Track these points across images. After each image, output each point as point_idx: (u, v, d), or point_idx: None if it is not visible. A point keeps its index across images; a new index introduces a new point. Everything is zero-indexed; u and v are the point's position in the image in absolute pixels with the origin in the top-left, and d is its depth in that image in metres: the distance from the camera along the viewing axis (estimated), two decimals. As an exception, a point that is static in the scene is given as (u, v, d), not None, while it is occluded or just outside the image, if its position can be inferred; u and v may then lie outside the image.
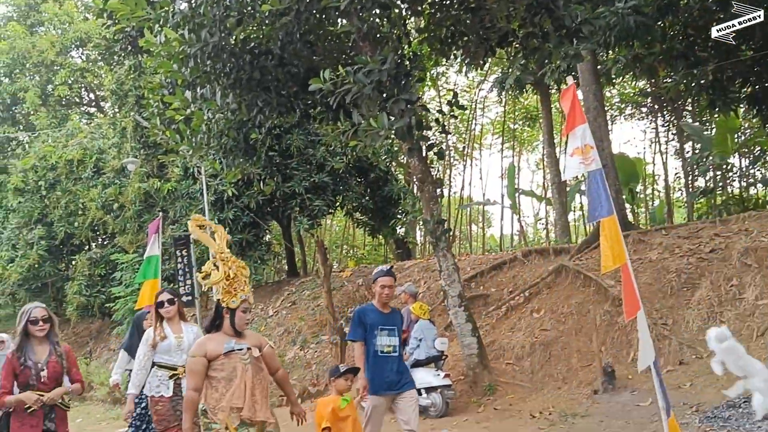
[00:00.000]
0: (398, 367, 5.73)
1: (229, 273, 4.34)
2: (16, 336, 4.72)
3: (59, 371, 4.89)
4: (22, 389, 4.73)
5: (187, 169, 15.88)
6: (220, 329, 4.38)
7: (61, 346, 4.98)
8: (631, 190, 17.49)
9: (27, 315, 4.83)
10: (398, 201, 16.94)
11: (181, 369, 5.70)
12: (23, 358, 4.77)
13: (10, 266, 21.63)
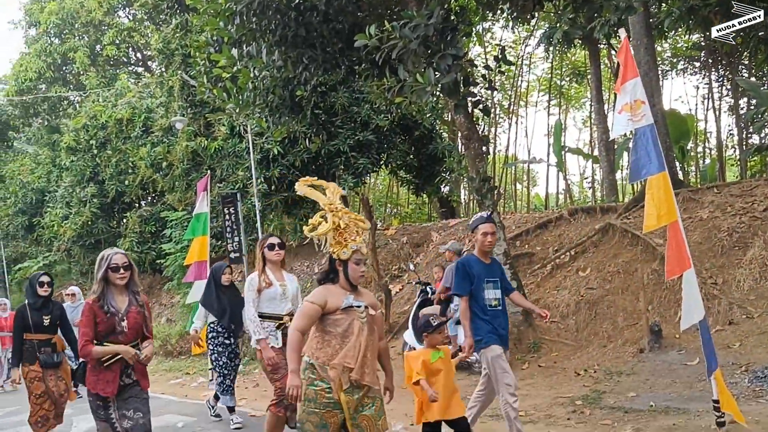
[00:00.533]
0: (505, 322, 5.42)
1: (339, 223, 4.13)
2: (95, 283, 4.47)
3: (140, 322, 4.59)
4: (102, 339, 4.43)
5: (233, 127, 16.03)
6: (335, 283, 4.18)
7: (141, 296, 4.66)
8: (681, 148, 17.04)
9: (107, 261, 4.49)
10: (443, 159, 16.84)
11: (287, 318, 5.52)
12: (106, 306, 4.44)
13: (65, 223, 22.31)
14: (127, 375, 4.49)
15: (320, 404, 3.92)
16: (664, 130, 12.26)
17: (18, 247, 27.05)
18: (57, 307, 6.83)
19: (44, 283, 6.60)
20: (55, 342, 6.65)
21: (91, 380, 4.41)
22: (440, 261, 11.91)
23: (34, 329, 6.47)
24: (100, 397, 4.39)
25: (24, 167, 26.79)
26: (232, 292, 7.43)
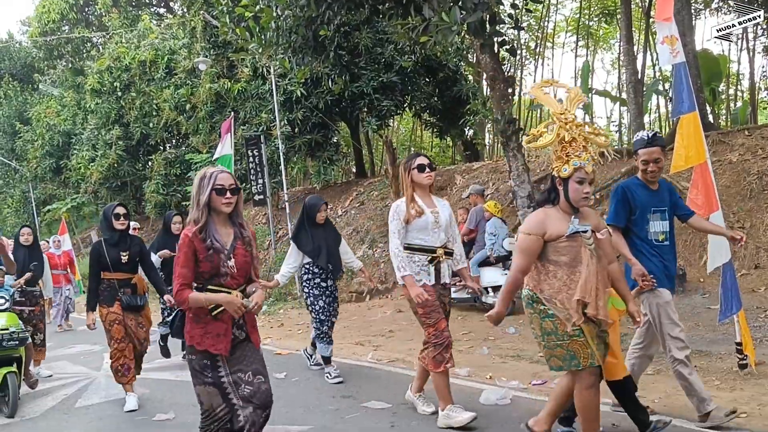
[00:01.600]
0: (674, 260, 4.56)
1: (564, 136, 3.56)
2: (194, 209, 3.45)
3: (249, 261, 3.58)
4: (205, 282, 3.45)
5: (256, 69, 15.92)
6: (555, 205, 3.66)
7: (247, 229, 3.63)
8: (713, 90, 16.62)
9: (211, 181, 3.45)
10: (467, 101, 16.63)
11: (441, 251, 4.79)
12: (209, 240, 3.42)
13: (91, 165, 22.57)
14: (239, 327, 3.55)
15: (563, 335, 3.53)
16: (695, 71, 11.94)
17: (46, 189, 27.50)
18: (136, 242, 6.09)
19: (120, 215, 5.81)
20: (135, 282, 5.97)
21: (195, 334, 3.43)
22: (464, 203, 11.89)
23: (112, 268, 5.77)
24: (208, 356, 3.43)
25: (50, 110, 26.99)
26: (328, 229, 6.78)
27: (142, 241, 6.36)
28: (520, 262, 3.62)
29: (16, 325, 6.12)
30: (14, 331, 6.01)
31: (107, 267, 5.77)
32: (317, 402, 5.66)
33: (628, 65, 17.66)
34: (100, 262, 5.79)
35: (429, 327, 4.69)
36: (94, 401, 6.29)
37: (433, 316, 4.66)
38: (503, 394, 5.21)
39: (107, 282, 5.81)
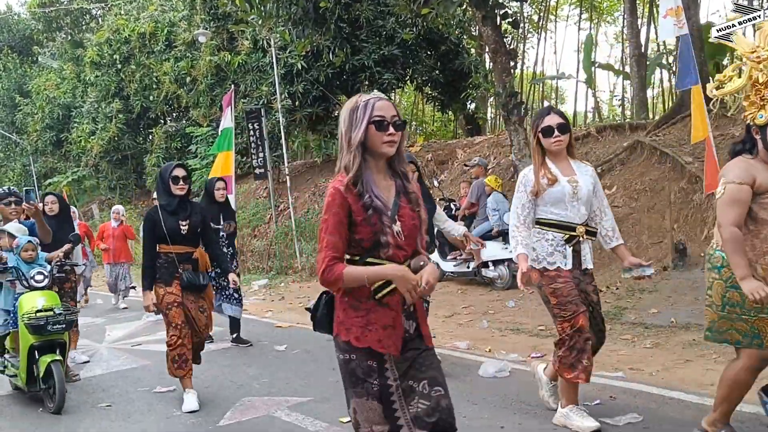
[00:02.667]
0: None
1: (757, 77, 3.13)
2: (345, 154, 2.48)
3: (416, 227, 2.54)
4: (364, 254, 2.44)
5: (256, 41, 15.79)
6: (753, 156, 3.25)
7: (411, 182, 2.60)
8: (716, 64, 16.49)
9: (367, 112, 2.46)
10: (469, 75, 16.51)
11: (581, 229, 3.88)
12: (368, 195, 2.43)
13: (92, 139, 22.52)
14: (408, 316, 2.55)
15: (750, 309, 3.12)
16: (699, 45, 11.83)
17: (47, 162, 27.47)
18: (197, 210, 5.12)
19: (179, 178, 4.89)
20: (197, 257, 5.09)
21: (353, 325, 2.44)
22: (466, 177, 11.86)
23: (171, 240, 4.86)
24: (372, 355, 2.44)
25: (49, 82, 26.85)
26: None
27: (204, 210, 5.48)
28: (731, 216, 3.13)
29: (59, 306, 5.15)
30: (60, 312, 5.07)
31: (164, 239, 4.86)
32: (317, 374, 5.69)
33: (632, 38, 17.50)
34: (156, 233, 4.88)
35: (563, 322, 3.80)
36: (97, 373, 6.34)
37: (569, 309, 3.76)
38: (502, 367, 5.25)
39: (164, 257, 4.91)
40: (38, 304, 5.05)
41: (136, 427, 4.60)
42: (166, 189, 4.94)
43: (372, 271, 2.41)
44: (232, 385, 5.27)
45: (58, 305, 5.15)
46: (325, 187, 16.58)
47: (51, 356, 4.98)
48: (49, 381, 4.99)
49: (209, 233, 5.31)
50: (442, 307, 8.65)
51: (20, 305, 5.11)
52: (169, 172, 4.93)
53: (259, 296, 11.64)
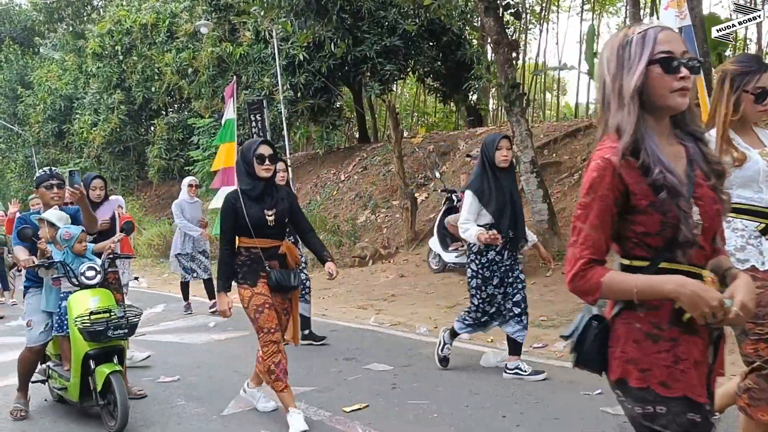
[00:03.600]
0: None
1: None
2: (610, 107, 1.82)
3: (719, 212, 1.83)
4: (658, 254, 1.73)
5: (258, 32, 15.77)
6: None
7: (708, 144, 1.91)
8: (719, 55, 16.43)
9: (648, 46, 1.74)
10: (471, 66, 16.48)
11: None
12: (658, 169, 1.70)
13: (94, 130, 22.51)
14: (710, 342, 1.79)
15: None
16: (702, 36, 11.79)
17: (49, 153, 27.44)
18: (283, 195, 4.28)
19: (264, 156, 4.05)
20: (284, 252, 4.21)
21: (654, 365, 1.71)
22: (467, 169, 11.86)
23: (255, 232, 4.08)
24: (692, 407, 1.70)
25: (51, 73, 26.81)
26: (509, 177, 4.93)
27: (293, 194, 4.71)
28: None
29: (116, 306, 4.40)
30: (122, 315, 4.28)
31: (246, 231, 4.09)
32: (320, 364, 5.73)
33: (635, 29, 17.39)
34: (238, 224, 4.10)
35: (758, 342, 2.79)
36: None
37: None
38: (503, 357, 5.27)
39: (246, 252, 4.13)
40: (91, 304, 4.27)
41: (139, 416, 4.62)
42: (248, 170, 4.10)
43: (644, 282, 1.67)
44: (236, 375, 5.30)
45: (114, 305, 4.37)
46: (327, 179, 16.62)
47: (110, 366, 4.19)
48: (108, 396, 4.20)
49: (301, 220, 4.45)
50: (444, 297, 8.68)
51: (70, 307, 4.32)
52: (253, 149, 4.07)
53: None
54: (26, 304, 4.75)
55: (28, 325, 4.61)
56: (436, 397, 4.48)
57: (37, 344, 4.61)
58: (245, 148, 4.18)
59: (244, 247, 4.13)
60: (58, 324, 4.47)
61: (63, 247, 4.46)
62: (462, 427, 3.95)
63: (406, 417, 4.22)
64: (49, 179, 4.60)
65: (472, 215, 4.78)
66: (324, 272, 4.26)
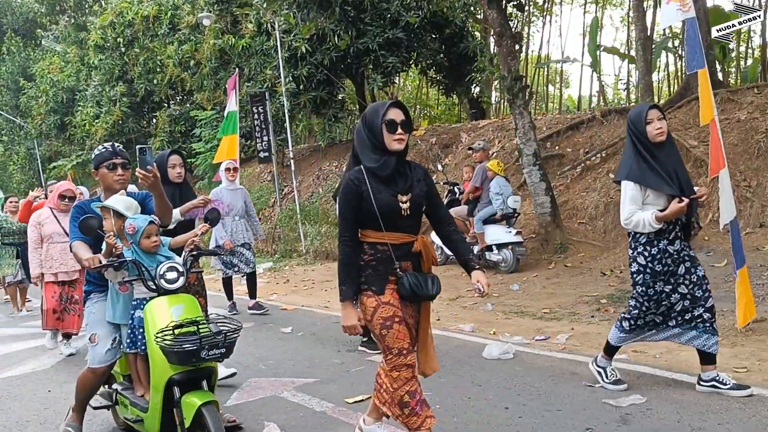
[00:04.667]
0: None
1: None
2: None
3: None
4: None
5: (261, 24, 15.74)
6: None
7: None
8: (723, 47, 16.40)
9: None
10: (474, 58, 16.44)
11: None
12: None
13: (96, 122, 22.52)
14: None
15: None
16: (705, 28, 11.77)
17: (51, 145, 27.48)
18: (419, 174, 3.25)
19: (396, 123, 3.08)
20: (419, 250, 3.20)
21: None
22: (470, 161, 11.87)
23: (385, 223, 3.09)
24: None
25: (53, 66, 26.81)
26: (671, 152, 4.16)
27: (429, 176, 3.36)
28: None
29: (202, 316, 3.35)
30: (218, 330, 3.17)
31: (374, 222, 3.08)
32: (323, 356, 5.74)
33: (638, 22, 17.41)
34: (362, 213, 3.09)
35: None
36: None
37: None
38: (506, 349, 5.28)
39: (371, 250, 3.14)
40: (174, 315, 3.32)
41: (144, 407, 4.64)
42: (375, 141, 3.08)
43: None
44: (239, 366, 5.31)
45: (201, 316, 3.34)
46: (329, 171, 16.61)
47: (201, 396, 3.20)
48: None
49: (440, 209, 3.39)
50: (447, 290, 8.68)
51: (147, 318, 3.37)
52: (381, 114, 3.08)
53: (263, 279, 11.70)
54: (87, 314, 3.80)
55: (92, 341, 3.65)
56: (439, 388, 4.49)
57: (102, 365, 3.62)
58: (370, 112, 3.19)
59: (368, 244, 3.14)
60: (130, 339, 3.55)
61: (129, 244, 3.53)
62: (464, 418, 3.96)
63: (409, 408, 4.23)
64: (112, 157, 3.75)
65: (635, 204, 4.03)
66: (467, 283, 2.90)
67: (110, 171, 3.74)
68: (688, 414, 3.73)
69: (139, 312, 3.50)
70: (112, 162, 3.74)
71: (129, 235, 3.50)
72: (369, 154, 3.13)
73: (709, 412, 3.75)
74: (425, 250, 3.22)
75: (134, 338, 3.53)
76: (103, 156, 3.75)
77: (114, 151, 3.76)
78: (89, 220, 3.43)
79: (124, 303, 3.62)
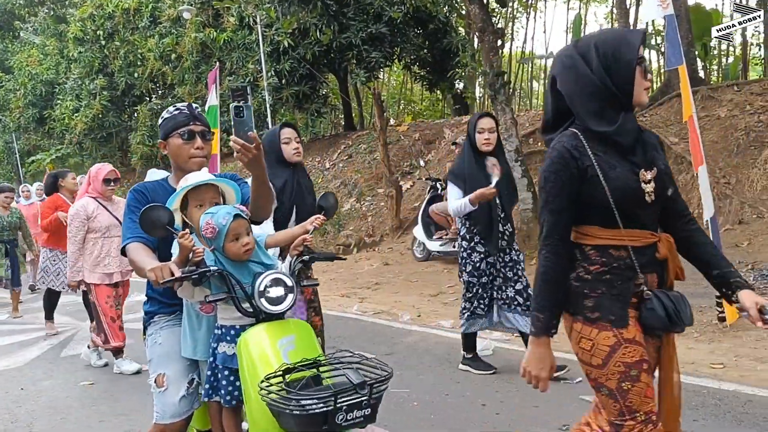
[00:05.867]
0: None
1: None
2: None
3: None
4: None
5: (242, 18, 15.63)
6: None
7: None
8: (704, 45, 16.51)
9: None
10: (457, 54, 16.44)
11: None
12: None
13: (76, 116, 22.26)
14: None
15: None
16: (686, 25, 11.82)
17: (30, 139, 27.14)
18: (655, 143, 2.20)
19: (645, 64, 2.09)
20: (665, 256, 2.09)
21: None
22: (452, 157, 11.85)
23: (624, 217, 2.02)
24: None
25: (32, 58, 26.45)
26: None
27: None
28: None
29: (322, 356, 2.26)
30: (360, 382, 2.03)
31: (606, 215, 2.02)
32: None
33: (621, 18, 17.48)
34: (586, 198, 2.03)
35: None
36: (79, 351, 6.30)
37: None
38: (485, 346, 5.26)
39: (601, 256, 2.05)
40: (282, 352, 2.23)
41: (118, 405, 4.58)
42: (616, 90, 2.00)
43: None
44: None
45: (323, 355, 2.26)
46: (312, 166, 16.55)
47: None
48: None
49: (677, 194, 2.20)
50: (428, 286, 8.67)
51: (243, 356, 2.26)
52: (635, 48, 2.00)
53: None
54: (151, 345, 2.66)
55: (159, 384, 2.58)
56: (417, 385, 4.46)
57: (176, 419, 2.53)
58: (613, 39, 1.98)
59: (594, 248, 2.06)
60: (210, 385, 2.40)
61: (210, 248, 2.36)
62: (442, 415, 3.94)
63: (387, 405, 4.17)
64: (189, 122, 2.59)
65: None
66: None
67: (186, 142, 2.59)
68: (665, 410, 3.73)
69: (223, 346, 2.35)
70: (189, 129, 2.59)
71: (209, 239, 2.34)
72: (599, 110, 2.02)
73: (685, 408, 3.75)
74: (671, 256, 2.11)
75: (216, 382, 2.38)
76: (176, 121, 2.61)
77: (192, 115, 2.63)
78: (154, 211, 2.28)
79: (206, 330, 2.49)
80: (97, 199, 5.48)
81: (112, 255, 5.41)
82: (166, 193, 2.54)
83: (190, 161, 2.59)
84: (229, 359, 2.33)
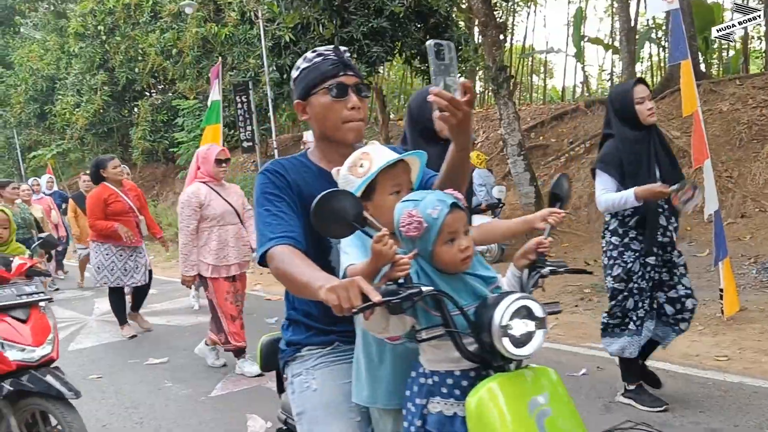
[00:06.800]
0: None
1: None
2: None
3: None
4: None
5: (244, 13, 15.60)
6: None
7: None
8: (705, 38, 16.50)
9: None
10: (459, 48, 16.41)
11: None
12: None
13: (77, 111, 22.25)
14: None
15: None
16: (689, 19, 11.84)
17: (31, 135, 27.14)
18: None
19: None
20: None
21: None
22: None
23: None
24: None
25: (32, 54, 26.42)
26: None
27: None
28: None
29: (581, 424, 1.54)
30: None
31: None
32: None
33: (621, 12, 17.47)
34: None
35: None
36: (87, 345, 6.35)
37: None
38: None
39: None
40: (537, 423, 1.49)
41: (126, 398, 4.62)
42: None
43: None
44: (224, 357, 5.29)
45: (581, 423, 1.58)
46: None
47: None
48: None
49: None
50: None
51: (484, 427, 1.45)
52: None
53: (247, 269, 11.68)
54: (297, 392, 1.90)
55: None
56: None
57: None
58: None
59: None
60: None
61: (411, 254, 1.53)
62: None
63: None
64: (338, 72, 1.90)
65: None
66: None
67: (336, 99, 1.86)
68: (670, 401, 3.76)
69: (437, 403, 1.58)
70: (339, 82, 1.87)
71: (409, 239, 1.58)
72: None
73: (690, 399, 3.79)
74: None
75: None
76: (320, 71, 1.89)
77: (342, 61, 1.92)
78: (336, 199, 1.48)
79: (393, 367, 1.70)
80: (209, 183, 4.97)
81: (231, 245, 4.93)
82: (312, 174, 1.87)
83: (343, 127, 1.86)
84: (448, 423, 1.55)
